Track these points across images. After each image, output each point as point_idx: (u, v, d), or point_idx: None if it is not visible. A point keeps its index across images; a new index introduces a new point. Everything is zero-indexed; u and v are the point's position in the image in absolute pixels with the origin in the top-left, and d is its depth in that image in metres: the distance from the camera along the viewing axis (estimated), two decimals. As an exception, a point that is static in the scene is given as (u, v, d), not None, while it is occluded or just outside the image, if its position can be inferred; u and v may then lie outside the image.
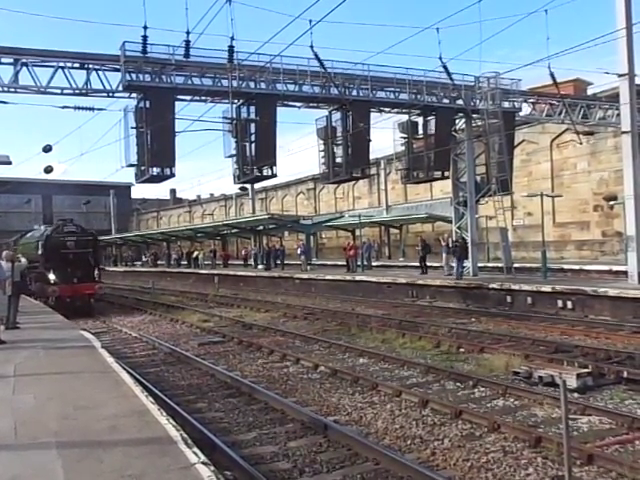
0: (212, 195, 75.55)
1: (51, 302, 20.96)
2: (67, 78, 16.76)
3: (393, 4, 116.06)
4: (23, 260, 16.81)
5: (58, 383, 7.97)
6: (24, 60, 16.31)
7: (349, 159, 20.37)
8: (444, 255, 24.61)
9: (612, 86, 21.10)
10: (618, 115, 21.18)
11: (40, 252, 22.33)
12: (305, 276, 29.81)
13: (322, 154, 21.32)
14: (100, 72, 17.15)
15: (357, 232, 37.31)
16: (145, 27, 16.18)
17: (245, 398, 9.23)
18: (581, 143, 26.58)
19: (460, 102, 22.25)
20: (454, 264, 23.44)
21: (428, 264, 25.68)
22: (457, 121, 23.24)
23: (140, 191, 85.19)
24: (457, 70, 21.82)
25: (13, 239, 31.42)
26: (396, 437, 7.22)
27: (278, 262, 37.07)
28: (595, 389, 9.02)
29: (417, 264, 26.96)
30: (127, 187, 71.23)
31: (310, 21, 12.47)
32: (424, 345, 13.14)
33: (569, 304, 17.24)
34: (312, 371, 11.14)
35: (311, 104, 20.73)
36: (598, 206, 30.18)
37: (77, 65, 16.90)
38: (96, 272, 22.92)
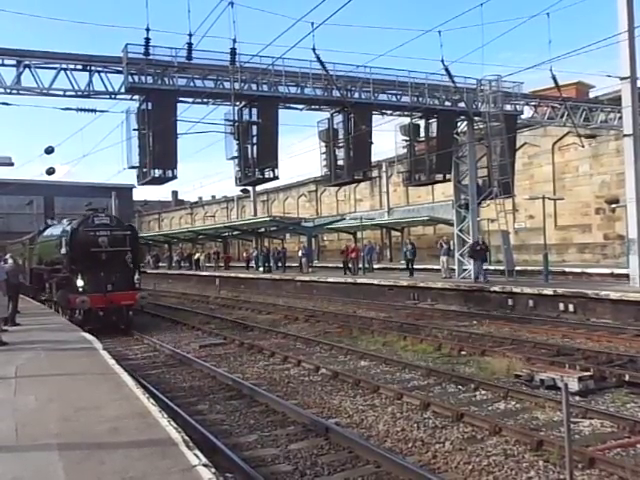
0: (214, 197, 75.71)
1: (78, 316, 16.50)
2: (69, 80, 16.79)
3: (395, 7, 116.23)
4: (10, 261, 16.55)
5: (59, 385, 7.98)
6: (27, 62, 16.34)
7: (351, 161, 20.37)
8: (443, 258, 24.58)
9: (614, 89, 21.11)
10: (620, 118, 21.16)
11: (64, 252, 17.72)
12: (306, 278, 29.80)
13: (324, 156, 21.32)
14: (102, 74, 17.17)
15: (358, 234, 37.32)
16: (147, 29, 16.21)
17: (246, 400, 9.22)
18: (583, 146, 26.56)
19: (462, 105, 22.26)
20: (455, 266, 23.48)
21: (428, 267, 25.71)
22: (459, 124, 23.24)
23: (142, 193, 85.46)
24: (460, 73, 21.87)
25: (28, 237, 27.31)
26: (397, 440, 7.21)
27: (280, 264, 37.08)
28: (597, 392, 9.00)
29: (419, 267, 26.98)
30: (129, 189, 71.06)
31: (312, 24, 12.44)
32: (425, 348, 13.13)
33: (571, 307, 17.23)
34: (313, 373, 11.13)
35: (313, 106, 20.74)
36: (600, 209, 30.17)
37: (79, 67, 16.92)
38: (136, 277, 18.10)
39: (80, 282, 16.89)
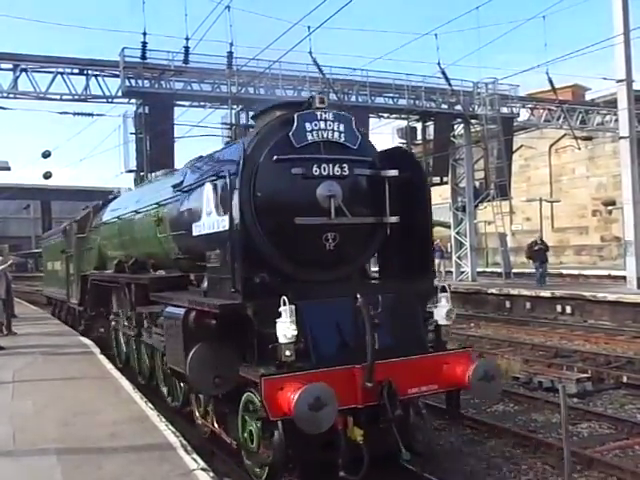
0: (211, 200, 75.49)
1: (277, 440, 4.59)
2: (66, 84, 16.83)
3: (392, 10, 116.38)
4: (11, 259, 16.10)
5: (57, 389, 7.94)
6: (23, 66, 16.36)
7: (348, 164, 20.37)
8: (437, 261, 24.51)
9: (610, 91, 21.18)
10: (616, 120, 21.24)
11: (221, 226, 5.21)
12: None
13: (321, 159, 21.32)
14: (99, 78, 17.21)
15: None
16: (144, 33, 16.27)
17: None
18: (579, 148, 26.66)
19: (459, 108, 22.33)
20: (452, 269, 23.46)
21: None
22: (456, 127, 23.32)
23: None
24: (456, 76, 21.86)
25: (74, 220, 13.89)
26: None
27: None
28: (595, 394, 8.99)
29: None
30: (126, 193, 71.11)
31: (309, 27, 12.47)
32: (423, 350, 13.09)
33: (568, 309, 17.24)
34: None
35: (310, 110, 20.75)
36: (597, 211, 30.25)
37: (76, 71, 16.95)
38: (444, 299, 5.63)
39: (291, 329, 4.64)
